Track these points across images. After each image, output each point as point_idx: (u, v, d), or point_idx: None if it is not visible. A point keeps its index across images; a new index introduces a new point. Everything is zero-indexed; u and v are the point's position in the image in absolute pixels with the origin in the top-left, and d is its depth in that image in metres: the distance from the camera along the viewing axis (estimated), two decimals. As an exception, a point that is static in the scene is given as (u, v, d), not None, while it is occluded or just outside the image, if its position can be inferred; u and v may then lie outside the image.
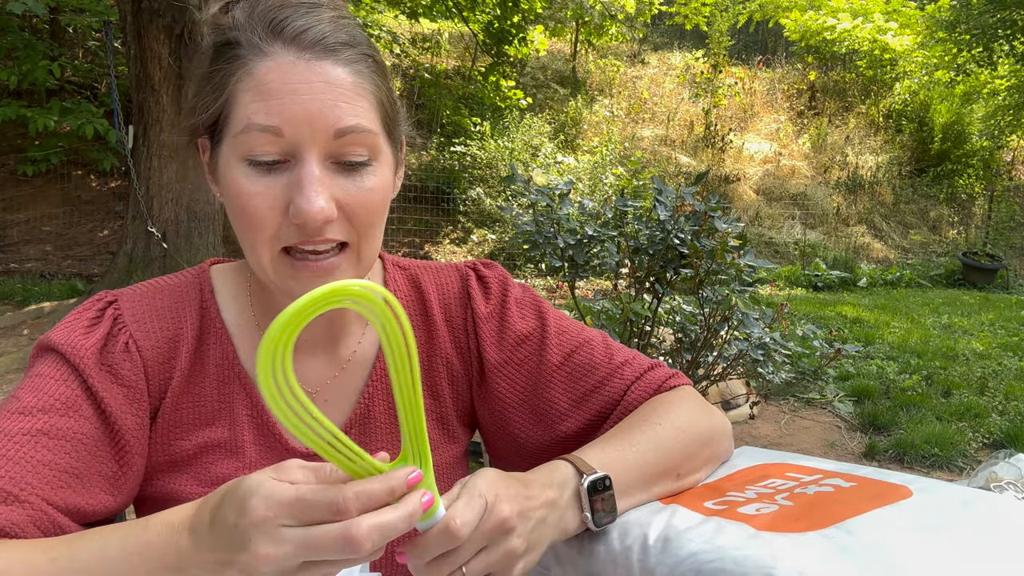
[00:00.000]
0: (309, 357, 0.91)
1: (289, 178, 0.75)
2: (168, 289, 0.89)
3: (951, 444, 3.62)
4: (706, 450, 0.89)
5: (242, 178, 0.75)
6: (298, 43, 0.75)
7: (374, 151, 0.78)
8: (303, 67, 0.74)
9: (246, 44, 0.75)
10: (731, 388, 3.96)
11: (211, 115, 0.78)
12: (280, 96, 0.73)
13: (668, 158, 10.96)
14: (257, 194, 0.75)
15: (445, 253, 8.52)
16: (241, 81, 0.75)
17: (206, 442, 0.86)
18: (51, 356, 0.80)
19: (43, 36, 8.43)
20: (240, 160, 0.75)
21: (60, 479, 0.74)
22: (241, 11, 0.77)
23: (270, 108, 0.73)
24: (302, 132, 0.73)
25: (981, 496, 0.73)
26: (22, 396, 0.77)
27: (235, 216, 0.78)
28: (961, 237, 11.05)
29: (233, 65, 0.76)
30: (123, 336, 0.83)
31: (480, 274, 0.99)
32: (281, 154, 0.75)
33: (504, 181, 8.37)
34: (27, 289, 6.30)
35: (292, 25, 0.75)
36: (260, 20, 0.76)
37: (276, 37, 0.75)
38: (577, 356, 0.95)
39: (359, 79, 0.77)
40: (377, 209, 0.79)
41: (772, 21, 12.82)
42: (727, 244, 2.61)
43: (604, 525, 0.76)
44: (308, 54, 0.75)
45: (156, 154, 5.84)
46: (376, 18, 9.86)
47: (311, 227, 0.74)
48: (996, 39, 9.69)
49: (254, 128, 0.73)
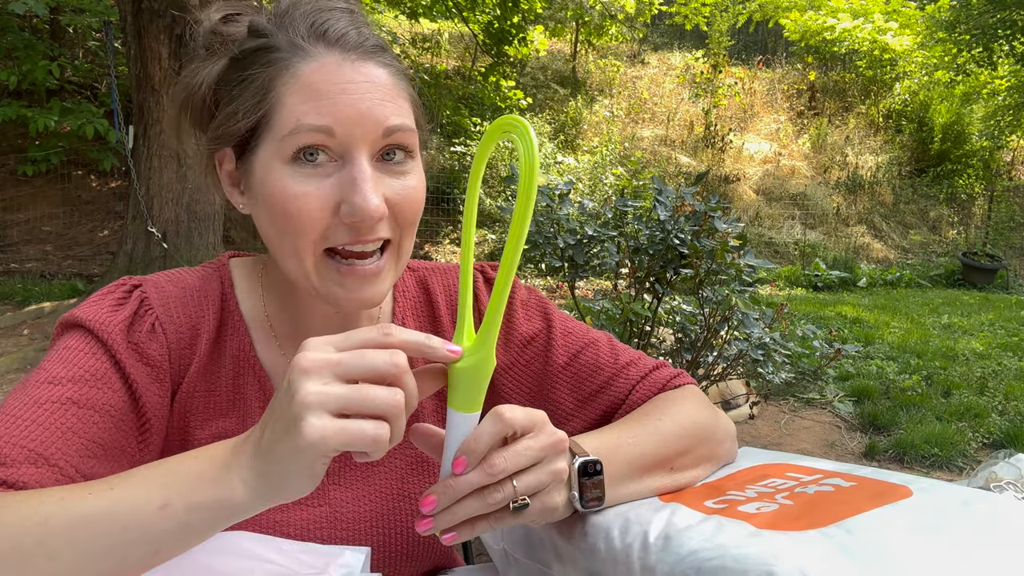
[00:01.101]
0: None
1: (338, 178, 0.75)
2: (190, 279, 0.90)
3: (951, 444, 3.62)
4: (703, 447, 0.89)
5: (288, 180, 0.75)
6: (342, 45, 0.76)
7: (414, 150, 0.80)
8: (349, 67, 0.75)
9: (286, 47, 0.76)
10: (731, 388, 3.96)
11: (251, 121, 0.77)
12: (329, 96, 0.74)
13: (668, 158, 10.96)
14: (306, 195, 0.74)
15: (445, 253, 8.52)
16: (287, 83, 0.75)
17: (218, 432, 0.87)
18: (78, 331, 0.80)
19: (43, 36, 8.43)
20: (287, 162, 0.75)
21: (88, 448, 0.73)
22: (273, 17, 0.78)
23: (321, 108, 0.73)
24: (354, 131, 0.74)
25: (981, 496, 0.73)
26: (50, 368, 0.76)
27: (277, 220, 0.76)
28: (961, 237, 11.05)
29: (273, 68, 0.75)
30: (150, 317, 0.84)
31: (487, 276, 1.00)
32: (331, 154, 0.75)
33: (504, 181, 8.37)
34: (27, 289, 6.30)
35: (335, 28, 0.76)
36: (301, 22, 0.76)
37: (319, 39, 0.76)
38: (582, 357, 0.95)
39: (398, 80, 0.79)
40: (420, 206, 0.81)
41: (772, 21, 12.82)
42: (727, 244, 2.61)
43: (590, 508, 0.77)
44: (353, 55, 0.76)
45: (156, 154, 5.84)
46: (376, 18, 9.86)
47: (367, 225, 0.75)
48: (996, 39, 9.69)
49: (304, 129, 0.73)
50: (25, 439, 0.70)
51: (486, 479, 0.66)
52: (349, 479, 0.90)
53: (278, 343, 0.91)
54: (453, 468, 0.66)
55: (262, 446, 0.60)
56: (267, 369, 0.90)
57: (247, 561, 0.71)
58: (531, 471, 0.68)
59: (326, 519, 0.88)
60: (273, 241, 0.79)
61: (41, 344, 5.07)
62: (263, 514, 0.86)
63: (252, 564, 0.70)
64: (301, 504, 0.88)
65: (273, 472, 0.60)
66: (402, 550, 0.90)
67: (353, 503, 0.89)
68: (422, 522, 0.67)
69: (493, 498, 0.67)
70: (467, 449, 0.66)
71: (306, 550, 0.73)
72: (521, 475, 0.68)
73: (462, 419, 0.66)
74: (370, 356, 0.59)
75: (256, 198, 0.79)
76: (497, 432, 0.66)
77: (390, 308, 0.97)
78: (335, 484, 0.89)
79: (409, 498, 0.91)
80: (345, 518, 0.88)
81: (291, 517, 0.87)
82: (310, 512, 0.87)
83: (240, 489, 0.60)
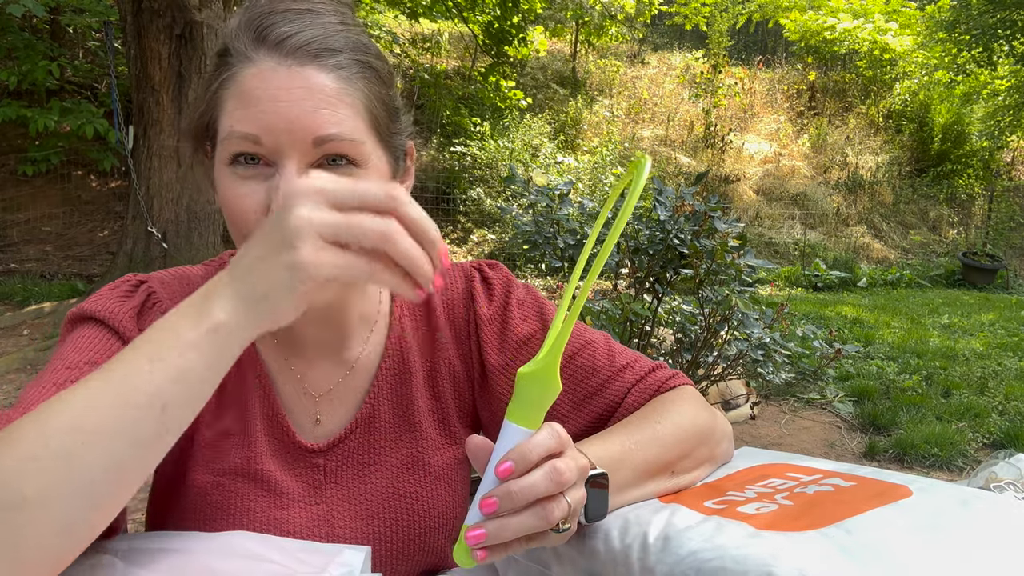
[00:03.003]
0: (317, 359, 0.92)
1: (270, 184, 0.75)
2: (193, 276, 0.90)
3: (951, 444, 3.62)
4: (703, 448, 0.89)
5: (228, 181, 0.76)
6: (280, 49, 0.75)
7: (359, 159, 0.77)
8: (284, 73, 0.74)
9: (234, 52, 0.76)
10: (731, 388, 3.96)
11: (202, 122, 0.79)
12: (259, 103, 0.73)
13: (668, 158, 10.96)
14: (242, 196, 0.75)
15: (445, 253, 8.52)
16: (227, 88, 0.76)
17: (222, 430, 0.88)
18: (89, 323, 0.81)
19: (43, 36, 8.43)
20: (226, 165, 0.76)
21: None
22: (235, 19, 0.78)
23: (249, 115, 0.74)
24: (280, 140, 0.73)
25: (981, 496, 0.73)
26: (66, 355, 0.77)
27: (227, 218, 0.79)
28: (961, 237, 11.05)
29: (223, 73, 0.77)
30: (158, 308, 0.84)
31: (484, 275, 1.00)
32: (265, 159, 0.75)
33: (504, 181, 8.37)
34: (27, 289, 6.31)
35: (276, 31, 0.75)
36: (247, 27, 0.76)
37: (261, 43, 0.75)
38: (579, 358, 0.95)
39: (345, 85, 0.76)
40: None
41: (772, 21, 12.82)
42: (727, 244, 2.61)
43: (594, 521, 0.76)
44: (291, 60, 0.74)
45: (156, 154, 5.84)
46: (376, 18, 9.86)
47: None
48: (996, 39, 9.69)
49: (235, 136, 0.74)
50: None
51: (553, 487, 0.62)
52: (345, 477, 0.91)
53: (276, 343, 0.91)
54: (498, 473, 0.63)
55: (243, 263, 0.60)
56: (267, 367, 0.90)
57: (247, 561, 0.71)
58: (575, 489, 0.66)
59: (323, 517, 0.89)
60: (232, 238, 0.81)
61: (41, 344, 5.07)
62: (262, 512, 0.87)
63: (252, 564, 0.70)
64: (299, 502, 0.88)
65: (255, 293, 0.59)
66: (398, 549, 0.90)
67: (349, 501, 0.90)
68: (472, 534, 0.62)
69: (552, 514, 0.63)
70: (518, 456, 0.62)
71: (306, 549, 0.73)
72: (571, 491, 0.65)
73: (517, 433, 0.64)
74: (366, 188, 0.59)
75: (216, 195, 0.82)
76: (553, 447, 0.64)
77: (388, 306, 0.97)
78: (332, 482, 0.90)
79: (405, 497, 0.91)
80: (342, 516, 0.89)
81: (289, 515, 0.87)
82: (308, 510, 0.88)
83: (221, 315, 0.59)
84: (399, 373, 0.95)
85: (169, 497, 0.89)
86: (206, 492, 0.86)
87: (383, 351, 0.95)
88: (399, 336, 0.96)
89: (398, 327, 0.96)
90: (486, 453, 0.65)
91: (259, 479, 0.87)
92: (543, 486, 0.62)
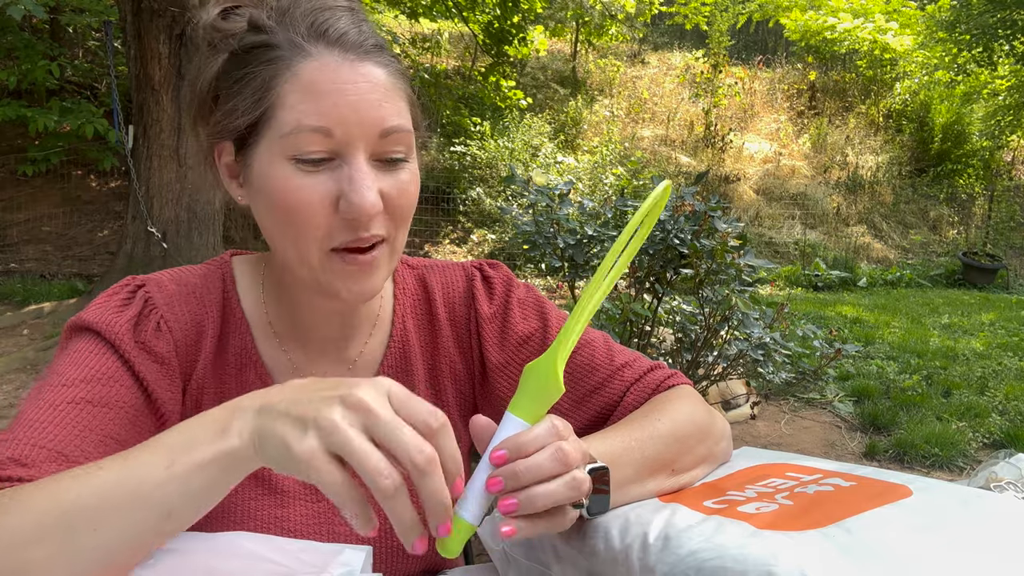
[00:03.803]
0: (319, 356, 0.92)
1: (337, 175, 0.76)
2: (193, 278, 0.90)
3: (951, 444, 3.61)
4: (701, 447, 0.89)
5: (290, 174, 0.76)
6: (341, 44, 0.76)
7: (410, 149, 0.80)
8: (348, 68, 0.75)
9: (286, 45, 0.76)
10: (731, 388, 3.96)
11: (251, 118, 0.77)
12: (329, 96, 0.74)
13: (668, 158, 10.96)
14: (306, 187, 0.75)
15: (445, 253, 8.52)
16: (287, 82, 0.75)
17: None
18: (86, 335, 0.81)
19: (43, 36, 8.42)
20: (287, 159, 0.76)
21: (106, 444, 0.75)
22: (274, 14, 0.78)
23: (320, 109, 0.74)
24: (351, 132, 0.75)
25: (981, 496, 0.73)
26: (62, 371, 0.78)
27: (278, 214, 0.78)
28: (961, 237, 11.05)
29: (274, 67, 0.76)
30: (154, 316, 0.85)
31: (485, 274, 1.00)
32: (329, 153, 0.76)
33: (504, 181, 8.37)
34: (27, 289, 6.30)
35: (335, 27, 0.77)
36: (302, 20, 0.77)
37: (319, 38, 0.76)
38: (578, 357, 0.95)
39: (395, 80, 0.79)
40: (414, 203, 0.82)
41: (772, 21, 12.82)
42: (727, 244, 2.61)
43: (596, 515, 0.76)
44: (352, 55, 0.76)
45: (156, 154, 5.83)
46: (376, 18, 9.86)
47: (363, 221, 0.76)
48: (996, 39, 9.68)
49: (304, 129, 0.74)
50: (44, 440, 0.72)
51: (559, 467, 0.64)
52: None
53: (278, 340, 0.91)
54: (492, 459, 0.65)
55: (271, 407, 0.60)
56: (268, 367, 0.90)
57: (247, 561, 0.71)
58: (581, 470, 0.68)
59: (324, 515, 0.89)
60: (273, 232, 0.80)
61: (41, 344, 5.06)
62: (262, 511, 0.87)
63: (252, 564, 0.70)
64: (299, 500, 0.88)
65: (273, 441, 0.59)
66: (397, 547, 0.91)
67: None
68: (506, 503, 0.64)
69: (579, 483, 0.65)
70: (514, 447, 0.64)
71: (307, 549, 0.73)
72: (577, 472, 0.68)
73: (516, 425, 0.65)
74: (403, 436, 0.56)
75: (256, 190, 0.80)
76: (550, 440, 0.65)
77: (391, 306, 0.97)
78: None
79: None
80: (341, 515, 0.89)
81: (289, 513, 0.87)
82: (308, 508, 0.88)
83: (237, 441, 0.61)
84: (401, 372, 0.95)
85: None
86: None
87: (385, 350, 0.95)
88: (401, 335, 0.96)
89: (400, 326, 0.96)
90: (489, 435, 0.67)
91: (259, 477, 0.88)
92: (549, 466, 0.64)
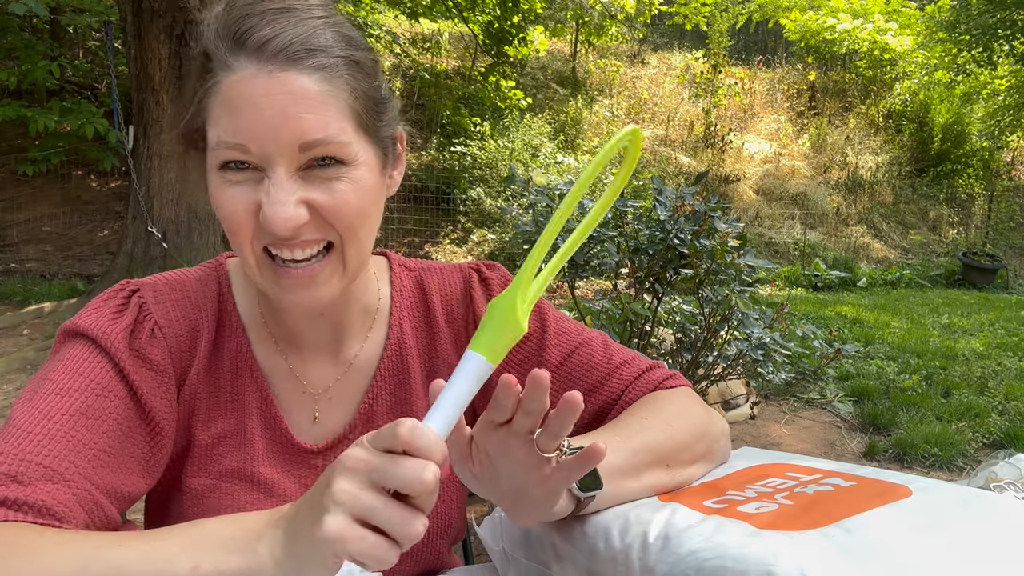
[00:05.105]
0: (314, 357, 0.92)
1: (259, 187, 0.75)
2: (188, 280, 0.90)
3: (951, 444, 3.61)
4: (699, 444, 0.89)
5: (219, 185, 0.77)
6: (261, 54, 0.73)
7: (347, 158, 0.76)
8: (265, 79, 0.73)
9: (215, 58, 0.75)
10: (731, 388, 3.95)
11: (192, 129, 0.79)
12: (244, 112, 0.73)
13: (668, 158, 10.96)
14: (232, 198, 0.76)
15: (445, 253, 8.52)
16: (211, 96, 0.76)
17: (218, 433, 0.88)
18: (81, 340, 0.81)
19: (43, 36, 8.42)
20: (216, 170, 0.77)
21: (99, 459, 0.75)
22: (215, 20, 0.76)
23: (235, 125, 0.73)
24: (267, 148, 0.73)
25: (981, 496, 0.73)
26: (56, 378, 0.78)
27: (221, 219, 0.80)
28: (961, 237, 11.05)
29: (206, 80, 0.76)
30: (149, 322, 0.85)
31: (483, 275, 1.00)
32: (254, 164, 0.75)
33: (504, 181, 8.37)
34: (27, 289, 6.30)
35: (256, 35, 0.74)
36: (226, 31, 0.75)
37: (240, 49, 0.74)
38: (576, 357, 0.95)
39: (327, 86, 0.75)
40: (354, 213, 0.78)
41: (772, 21, 12.82)
42: (727, 244, 2.60)
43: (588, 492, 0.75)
44: (272, 65, 0.73)
45: (156, 154, 5.84)
46: (376, 18, 9.85)
47: (280, 234, 0.75)
48: (996, 39, 9.68)
49: (223, 145, 0.74)
50: (38, 455, 0.71)
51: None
52: None
53: (274, 341, 0.91)
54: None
55: (293, 525, 0.61)
56: (264, 370, 0.90)
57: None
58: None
59: None
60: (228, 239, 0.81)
61: (41, 344, 5.06)
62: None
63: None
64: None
65: (298, 553, 0.60)
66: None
67: None
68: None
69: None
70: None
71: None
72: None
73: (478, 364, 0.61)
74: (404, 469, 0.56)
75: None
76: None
77: (387, 308, 0.97)
78: None
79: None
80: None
81: None
82: None
83: (268, 561, 0.61)
84: (398, 373, 0.95)
85: (166, 501, 0.90)
86: (202, 495, 0.86)
87: (382, 351, 0.95)
88: (398, 336, 0.95)
89: (397, 327, 0.96)
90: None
91: (255, 481, 0.87)
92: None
